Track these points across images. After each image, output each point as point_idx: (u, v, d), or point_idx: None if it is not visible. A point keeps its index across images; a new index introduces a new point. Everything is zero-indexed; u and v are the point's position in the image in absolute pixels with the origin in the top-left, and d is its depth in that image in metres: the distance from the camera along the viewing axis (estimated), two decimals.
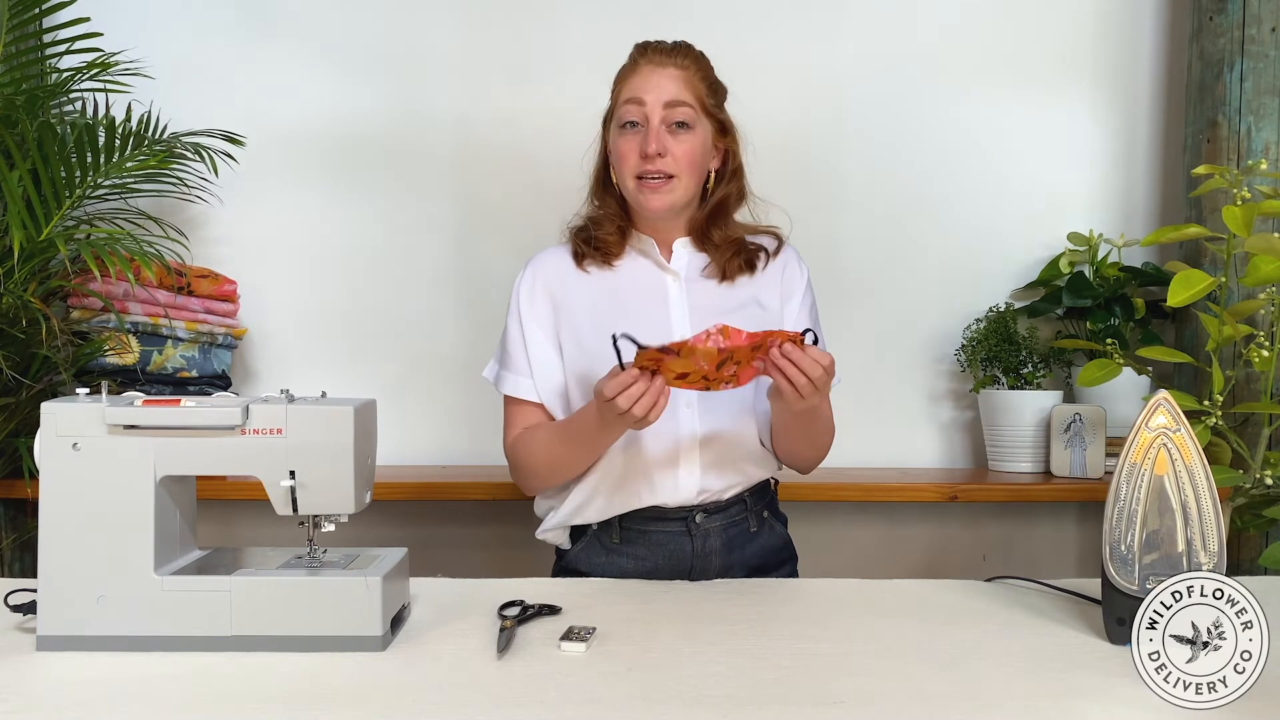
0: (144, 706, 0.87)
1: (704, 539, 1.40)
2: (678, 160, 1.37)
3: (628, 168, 1.38)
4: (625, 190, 1.41)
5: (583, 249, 1.45)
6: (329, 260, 2.26)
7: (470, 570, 1.35)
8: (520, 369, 1.43)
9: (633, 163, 1.37)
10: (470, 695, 0.90)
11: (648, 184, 1.38)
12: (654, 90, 1.37)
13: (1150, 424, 1.04)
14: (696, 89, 1.39)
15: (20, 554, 2.10)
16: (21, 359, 1.90)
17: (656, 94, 1.37)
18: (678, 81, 1.38)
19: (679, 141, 1.37)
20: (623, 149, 1.39)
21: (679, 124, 1.37)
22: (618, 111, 1.41)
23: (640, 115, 1.37)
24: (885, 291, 2.29)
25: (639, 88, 1.38)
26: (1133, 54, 2.31)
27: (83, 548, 1.02)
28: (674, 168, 1.37)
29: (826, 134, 2.28)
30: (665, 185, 1.38)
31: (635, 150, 1.37)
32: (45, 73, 2.07)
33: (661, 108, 1.36)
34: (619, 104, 1.41)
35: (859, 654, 1.02)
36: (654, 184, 1.37)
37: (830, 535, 2.20)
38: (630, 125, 1.38)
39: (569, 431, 1.36)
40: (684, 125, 1.38)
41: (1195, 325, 2.14)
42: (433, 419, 2.25)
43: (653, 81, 1.37)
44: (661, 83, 1.37)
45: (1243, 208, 1.63)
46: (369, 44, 2.25)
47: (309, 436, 1.04)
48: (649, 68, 1.39)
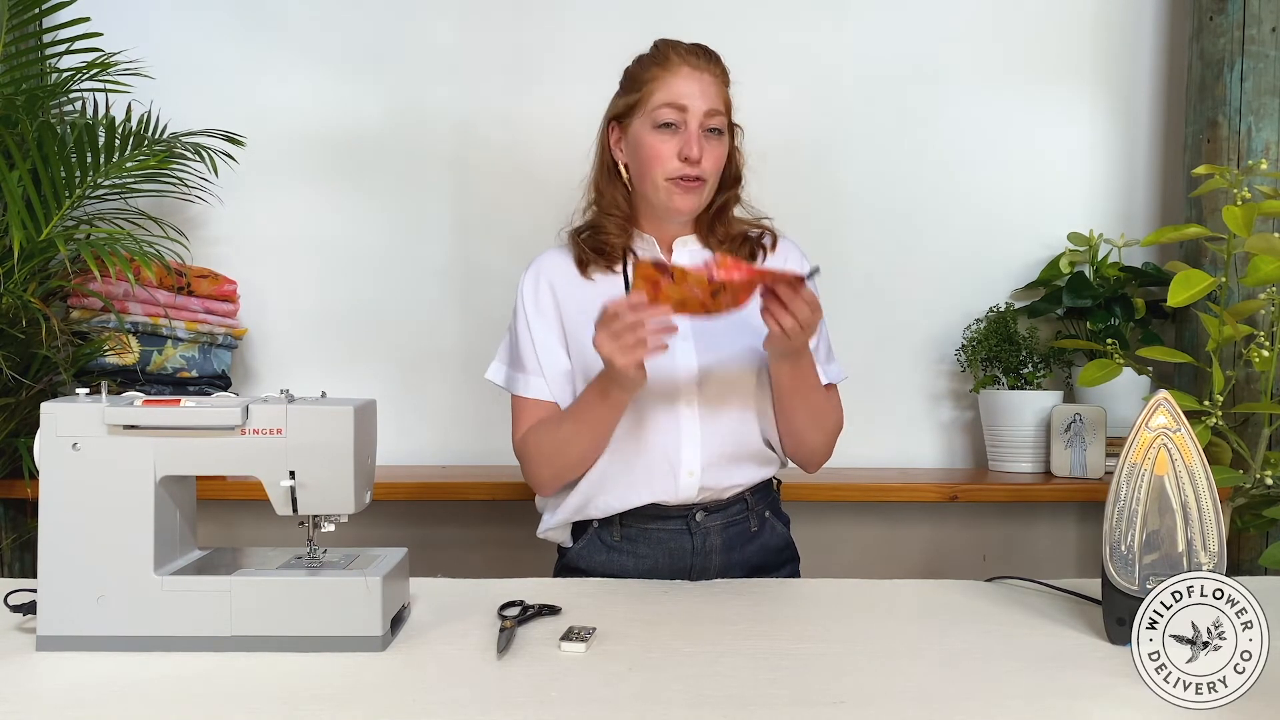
0: (144, 706, 0.87)
1: (704, 538, 1.40)
2: (708, 165, 1.39)
3: (662, 168, 1.38)
4: (652, 188, 1.40)
5: (586, 255, 1.45)
6: (329, 260, 2.26)
7: (470, 570, 1.35)
8: (531, 369, 1.43)
9: (671, 165, 1.38)
10: (470, 695, 0.90)
11: (681, 185, 1.38)
12: (697, 97, 1.37)
13: (1150, 424, 1.04)
14: (726, 97, 1.42)
15: (20, 554, 2.10)
16: (21, 359, 1.90)
17: (699, 101, 1.37)
18: (714, 89, 1.39)
19: (712, 147, 1.39)
20: (660, 149, 1.38)
21: (713, 130, 1.39)
22: (653, 111, 1.38)
23: (681, 119, 1.37)
24: (885, 291, 2.29)
25: (681, 92, 1.37)
26: (1133, 54, 2.31)
27: (83, 548, 1.02)
28: (706, 172, 1.39)
29: (827, 134, 2.29)
30: (698, 188, 1.39)
31: (674, 152, 1.37)
32: (45, 73, 2.07)
33: (702, 114, 1.37)
34: (654, 104, 1.38)
35: (859, 654, 1.02)
36: (688, 185, 1.38)
37: (830, 535, 2.20)
38: (668, 126, 1.38)
39: (573, 413, 1.36)
40: (717, 132, 1.40)
41: (1195, 325, 2.14)
42: (433, 419, 2.26)
43: (696, 88, 1.38)
44: (704, 89, 1.38)
45: (1243, 208, 1.63)
46: (369, 44, 2.25)
47: (309, 436, 1.04)
48: (689, 71, 1.38)
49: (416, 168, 2.26)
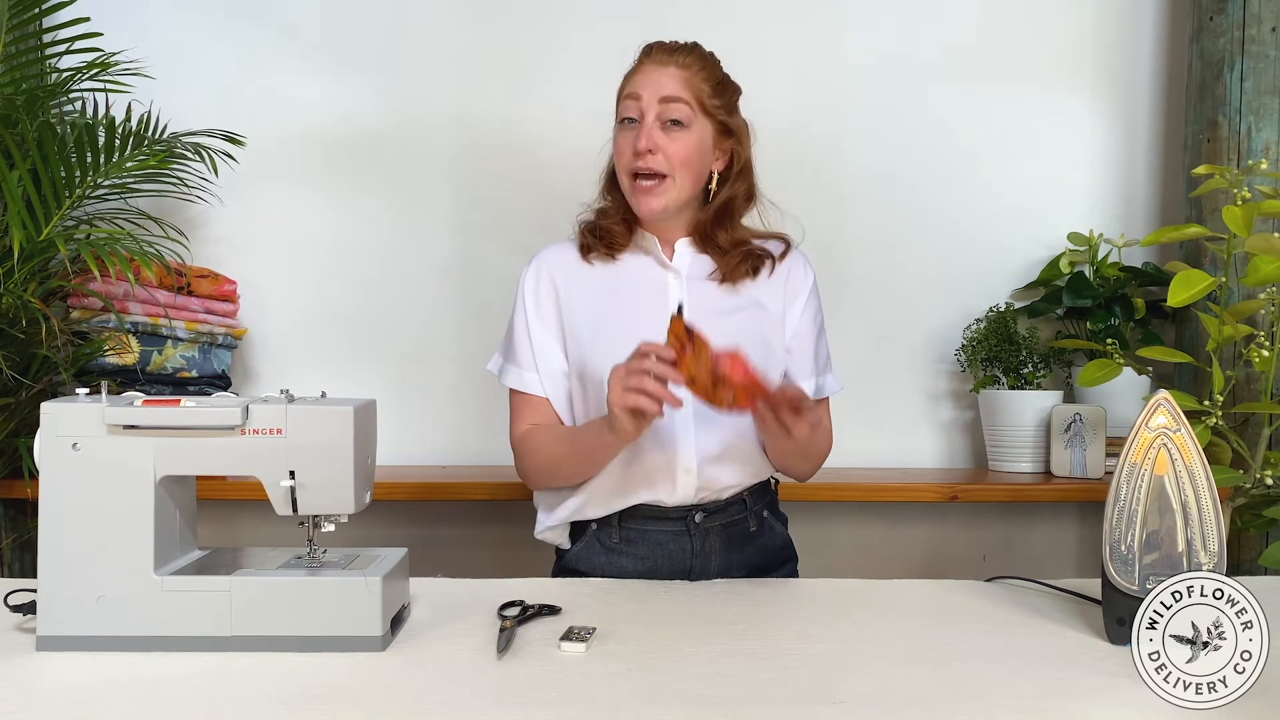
0: (144, 706, 0.87)
1: (703, 538, 1.40)
2: (670, 158, 1.36)
3: (623, 163, 1.39)
4: (623, 188, 1.41)
5: (589, 241, 1.45)
6: (329, 260, 2.26)
7: (470, 570, 1.35)
8: (524, 362, 1.43)
9: (627, 158, 1.38)
10: (470, 695, 0.90)
11: (640, 185, 1.38)
12: (650, 86, 1.37)
13: (1150, 424, 1.04)
14: (697, 88, 1.38)
15: (20, 554, 2.10)
16: (21, 359, 1.90)
17: (652, 90, 1.37)
18: (676, 79, 1.37)
19: (672, 139, 1.36)
20: (620, 145, 1.40)
21: (673, 121, 1.37)
22: (618, 108, 1.41)
23: (636, 111, 1.37)
24: (885, 291, 2.29)
25: (637, 84, 1.39)
26: (1133, 54, 2.31)
27: (83, 548, 1.02)
28: (666, 166, 1.36)
29: (827, 134, 2.28)
30: (659, 186, 1.37)
31: (630, 146, 1.37)
32: (45, 73, 2.07)
33: (657, 103, 1.36)
34: (619, 100, 1.41)
35: (859, 654, 1.02)
36: (647, 185, 1.37)
37: (830, 535, 2.20)
38: (628, 121, 1.39)
39: (572, 439, 1.36)
40: (678, 123, 1.37)
41: (1195, 325, 2.14)
42: (433, 418, 2.25)
43: (651, 78, 1.38)
44: (659, 79, 1.37)
45: (1243, 208, 1.63)
46: (369, 44, 2.25)
47: (309, 436, 1.04)
48: (650, 65, 1.39)
49: (416, 167, 2.26)
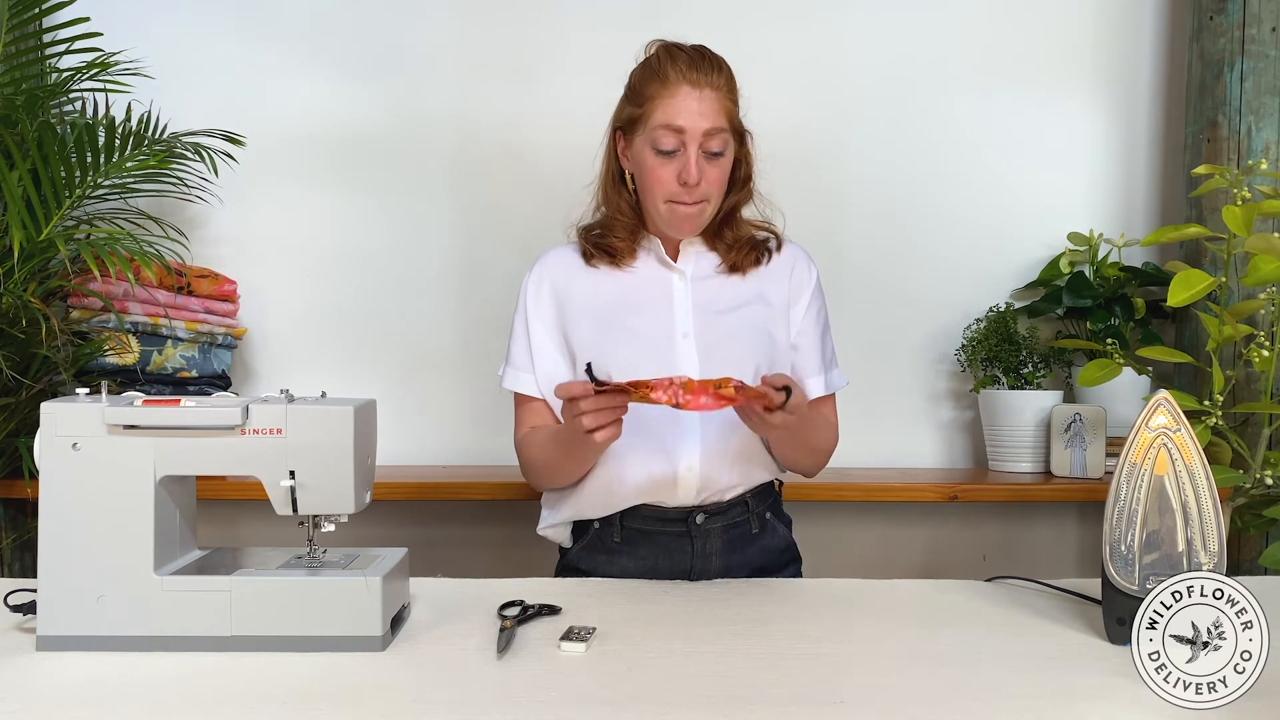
0: (144, 706, 0.87)
1: (704, 540, 1.40)
2: (710, 184, 1.37)
3: (662, 191, 1.37)
4: (653, 209, 1.40)
5: (592, 250, 1.45)
6: (329, 260, 2.26)
7: (470, 570, 1.35)
8: (523, 365, 1.44)
9: (670, 189, 1.36)
10: (470, 695, 0.90)
11: (680, 211, 1.37)
12: (694, 119, 1.33)
13: (1150, 424, 1.04)
14: (729, 110, 1.37)
15: (20, 554, 2.10)
16: (21, 359, 1.89)
17: (697, 124, 1.33)
18: (714, 107, 1.35)
19: (713, 167, 1.36)
20: (659, 174, 1.36)
21: (714, 153, 1.36)
22: (652, 133, 1.35)
23: (678, 144, 1.35)
24: (885, 291, 2.29)
25: (677, 114, 1.34)
26: (1133, 54, 2.31)
27: (83, 548, 1.02)
28: (707, 193, 1.37)
29: (827, 134, 2.28)
30: (699, 213, 1.38)
31: (673, 177, 1.35)
32: (45, 73, 2.07)
33: (700, 136, 1.34)
34: (652, 125, 1.35)
35: (859, 654, 1.02)
36: (689, 213, 1.38)
37: (830, 535, 2.20)
38: (667, 151, 1.35)
39: (558, 437, 1.36)
40: (719, 153, 1.37)
41: (1195, 325, 2.14)
42: (433, 419, 2.25)
43: (693, 109, 1.33)
44: (702, 109, 1.34)
45: (1243, 208, 1.63)
46: (369, 44, 2.25)
47: (309, 436, 1.04)
48: (687, 89, 1.34)
49: (417, 168, 2.26)
